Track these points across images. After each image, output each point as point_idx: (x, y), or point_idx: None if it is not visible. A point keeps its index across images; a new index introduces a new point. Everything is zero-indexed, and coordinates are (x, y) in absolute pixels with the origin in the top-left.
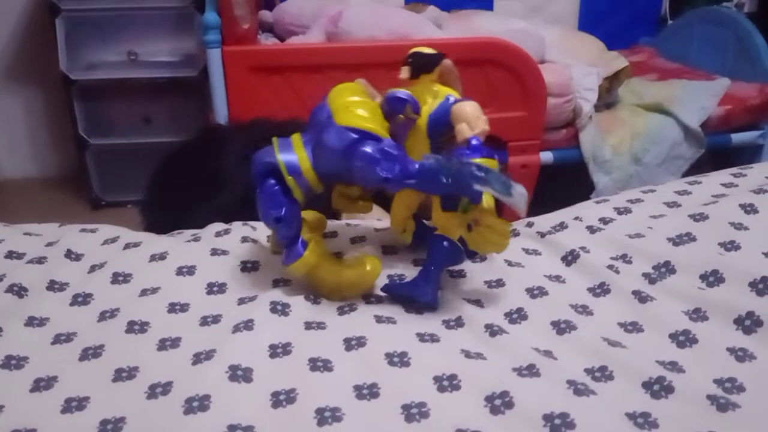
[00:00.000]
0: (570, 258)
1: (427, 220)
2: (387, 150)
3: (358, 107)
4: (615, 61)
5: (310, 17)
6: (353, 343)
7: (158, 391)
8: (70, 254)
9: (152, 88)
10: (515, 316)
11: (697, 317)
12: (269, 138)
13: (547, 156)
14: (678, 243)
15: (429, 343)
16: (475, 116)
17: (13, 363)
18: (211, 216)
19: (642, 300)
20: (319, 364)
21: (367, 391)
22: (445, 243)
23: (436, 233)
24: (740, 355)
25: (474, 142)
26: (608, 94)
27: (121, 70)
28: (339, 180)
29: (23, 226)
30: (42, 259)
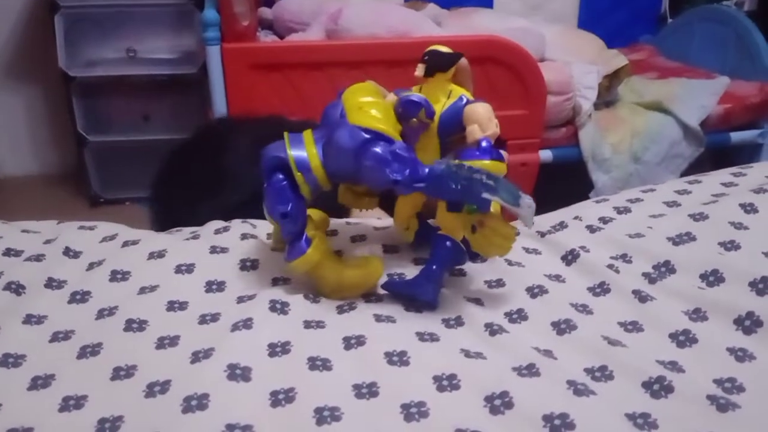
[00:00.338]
0: (570, 257)
1: (430, 219)
2: (398, 152)
3: (371, 107)
4: (615, 59)
5: (310, 14)
6: (352, 342)
7: (156, 390)
8: (68, 252)
9: (151, 86)
10: (515, 315)
11: (697, 317)
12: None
13: (546, 154)
14: (678, 242)
15: (429, 342)
16: (487, 118)
17: (10, 361)
18: (220, 214)
19: (642, 299)
20: (318, 363)
21: (367, 391)
22: (448, 243)
23: (440, 233)
24: (740, 356)
25: (484, 143)
26: (608, 93)
27: (121, 67)
28: (348, 179)
29: (21, 224)
30: (40, 257)
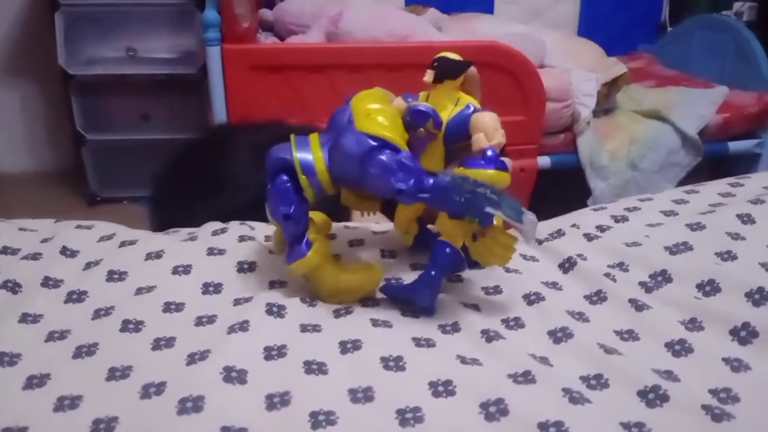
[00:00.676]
0: (567, 265)
1: (430, 225)
2: (404, 161)
3: (379, 115)
4: (614, 67)
5: (311, 17)
6: (348, 346)
7: (152, 391)
8: (65, 251)
9: (151, 85)
10: (512, 322)
11: (693, 327)
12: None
13: (544, 160)
14: (675, 252)
15: (425, 347)
16: (493, 128)
17: (5, 360)
18: (219, 217)
19: (638, 308)
20: (314, 367)
21: (362, 395)
22: (447, 249)
23: (440, 239)
24: (735, 366)
25: (489, 153)
26: (606, 100)
27: (120, 66)
28: (352, 185)
29: (18, 222)
30: (37, 255)
